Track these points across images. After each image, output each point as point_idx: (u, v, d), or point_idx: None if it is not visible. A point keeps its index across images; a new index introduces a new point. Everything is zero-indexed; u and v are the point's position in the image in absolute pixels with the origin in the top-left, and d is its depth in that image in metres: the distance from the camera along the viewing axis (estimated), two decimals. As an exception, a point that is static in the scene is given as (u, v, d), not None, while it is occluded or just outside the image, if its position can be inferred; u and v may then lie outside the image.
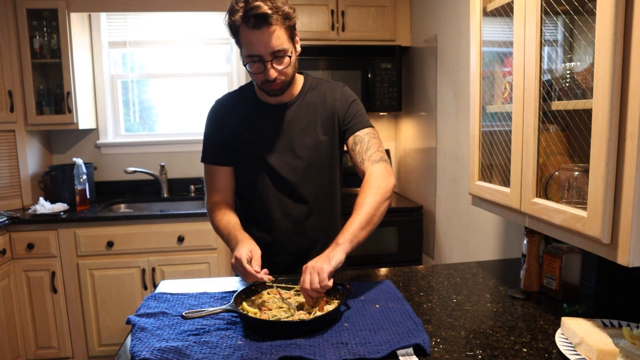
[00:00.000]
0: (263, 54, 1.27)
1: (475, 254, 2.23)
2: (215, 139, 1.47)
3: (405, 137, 3.25)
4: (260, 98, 1.46)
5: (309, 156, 1.44)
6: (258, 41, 1.25)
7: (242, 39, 1.29)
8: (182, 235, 2.66)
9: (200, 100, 3.33)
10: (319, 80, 1.51)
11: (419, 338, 1.01)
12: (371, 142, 1.44)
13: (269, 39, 1.25)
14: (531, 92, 1.14)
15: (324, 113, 1.45)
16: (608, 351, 0.91)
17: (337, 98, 1.46)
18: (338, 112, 1.46)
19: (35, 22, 2.77)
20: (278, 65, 1.30)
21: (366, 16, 2.93)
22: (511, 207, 1.26)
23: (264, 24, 1.23)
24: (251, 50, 1.27)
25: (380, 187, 1.32)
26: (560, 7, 1.09)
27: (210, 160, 1.48)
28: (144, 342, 1.02)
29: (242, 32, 1.27)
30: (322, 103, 1.46)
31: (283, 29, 1.27)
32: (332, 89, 1.48)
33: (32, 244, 2.55)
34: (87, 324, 2.66)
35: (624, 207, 0.87)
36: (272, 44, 1.26)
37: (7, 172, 2.78)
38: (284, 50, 1.29)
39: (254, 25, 1.23)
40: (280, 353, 0.96)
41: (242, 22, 1.25)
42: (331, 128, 1.46)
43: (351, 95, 1.49)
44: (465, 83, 2.26)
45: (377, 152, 1.42)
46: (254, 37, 1.25)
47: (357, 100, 1.49)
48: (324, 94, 1.47)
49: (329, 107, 1.45)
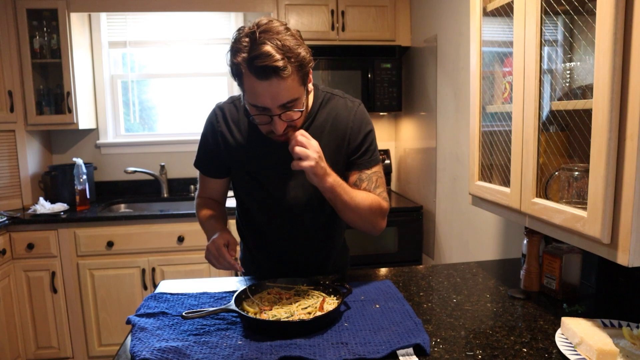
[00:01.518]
0: (270, 107, 1.09)
1: (475, 254, 2.23)
2: (210, 151, 1.36)
3: (405, 137, 3.25)
4: None
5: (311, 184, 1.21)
6: (265, 93, 1.06)
7: (246, 85, 1.09)
8: (182, 235, 2.66)
9: (200, 100, 3.33)
10: (332, 95, 1.33)
11: (419, 338, 1.01)
12: (378, 182, 1.32)
13: (278, 91, 1.06)
14: (531, 92, 1.14)
15: (332, 137, 1.29)
16: (608, 351, 0.91)
17: (351, 125, 1.29)
18: (349, 140, 1.29)
19: (35, 22, 2.77)
20: (288, 119, 1.12)
21: (366, 16, 2.93)
22: (511, 207, 1.26)
23: (273, 75, 1.04)
24: (256, 101, 1.09)
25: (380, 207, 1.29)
26: (560, 7, 1.09)
27: (202, 170, 1.44)
28: (144, 342, 1.02)
29: (246, 77, 1.07)
30: (333, 125, 1.29)
31: (296, 76, 1.08)
32: (346, 110, 1.30)
33: (32, 244, 2.55)
34: (87, 324, 2.66)
35: (624, 207, 0.87)
36: (282, 97, 1.07)
37: (7, 172, 2.78)
38: (296, 100, 1.10)
39: (261, 77, 1.04)
40: (280, 353, 0.96)
41: (246, 70, 1.06)
42: (338, 153, 1.30)
43: (367, 124, 1.32)
44: (465, 83, 2.26)
45: (384, 192, 1.32)
46: (260, 88, 1.06)
47: (371, 131, 1.32)
48: (336, 115, 1.30)
49: (340, 131, 1.29)
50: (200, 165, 1.44)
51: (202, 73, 3.32)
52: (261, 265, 1.50)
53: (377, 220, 1.30)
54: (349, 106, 1.32)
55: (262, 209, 1.39)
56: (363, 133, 1.30)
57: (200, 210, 1.45)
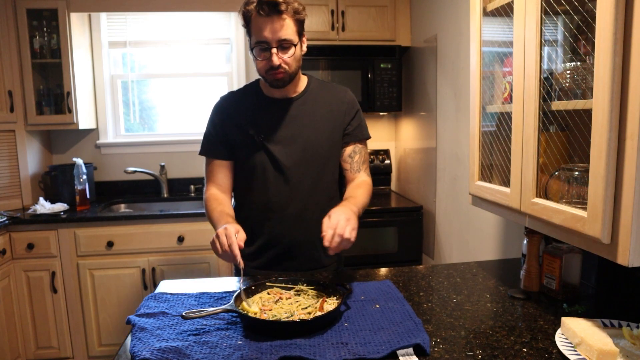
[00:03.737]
0: (270, 41, 1.35)
1: (475, 254, 2.23)
2: (217, 132, 1.51)
3: (405, 137, 3.25)
4: (265, 93, 1.51)
5: (312, 149, 1.48)
6: (267, 28, 1.34)
7: (253, 27, 1.37)
8: (182, 235, 2.66)
9: (200, 100, 3.33)
10: (323, 81, 1.59)
11: (419, 338, 1.01)
12: (366, 156, 1.59)
13: (277, 27, 1.34)
14: (531, 92, 1.14)
15: (329, 111, 1.51)
16: (608, 351, 0.91)
17: (346, 101, 1.54)
18: (345, 115, 1.53)
19: (35, 22, 2.77)
20: (283, 54, 1.37)
21: (366, 16, 2.93)
22: (511, 207, 1.26)
23: (274, 12, 1.33)
24: (260, 36, 1.35)
25: (369, 194, 1.49)
26: (560, 7, 1.09)
27: (210, 153, 1.53)
28: (144, 342, 1.02)
29: (253, 19, 1.36)
30: (329, 102, 1.52)
31: (292, 22, 1.37)
32: (339, 90, 1.56)
33: (32, 244, 2.55)
34: (87, 324, 2.66)
35: (624, 207, 0.87)
36: (280, 33, 1.34)
37: (7, 172, 2.78)
38: (290, 40, 1.36)
39: (266, 13, 1.32)
40: (280, 353, 0.96)
41: (255, 10, 1.34)
42: (335, 126, 1.51)
43: (357, 103, 1.58)
44: (465, 83, 2.26)
45: (368, 168, 1.59)
46: (264, 24, 1.34)
47: (360, 109, 1.58)
48: (330, 94, 1.54)
49: (335, 107, 1.52)
50: (209, 149, 1.53)
51: (202, 73, 3.32)
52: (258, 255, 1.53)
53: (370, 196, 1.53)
54: (340, 89, 1.58)
55: (263, 174, 1.48)
56: (355, 109, 1.56)
57: (209, 204, 1.47)
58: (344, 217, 1.22)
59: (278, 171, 1.47)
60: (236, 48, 3.23)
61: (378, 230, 2.75)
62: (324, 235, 1.20)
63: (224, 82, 3.33)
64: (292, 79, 1.44)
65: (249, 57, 3.25)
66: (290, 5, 1.35)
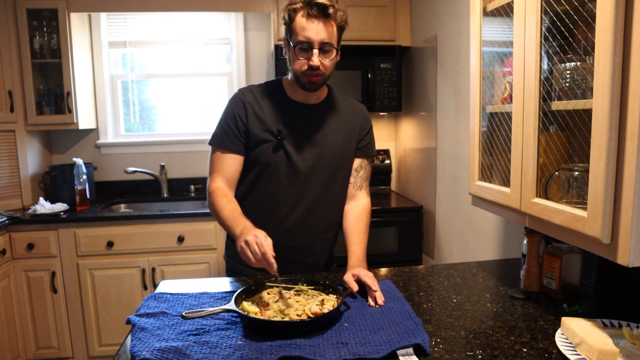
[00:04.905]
0: (313, 41, 1.34)
1: (475, 254, 2.23)
2: (234, 125, 1.47)
3: (405, 137, 3.25)
4: (288, 94, 1.50)
5: (327, 157, 1.49)
6: (312, 29, 1.34)
7: (296, 25, 1.36)
8: (182, 235, 2.66)
9: (200, 100, 3.33)
10: (341, 94, 1.62)
11: (419, 338, 1.01)
12: (369, 173, 1.62)
13: (322, 29, 1.34)
14: (531, 92, 1.14)
15: (347, 123, 1.54)
16: (608, 351, 0.91)
17: (362, 116, 1.58)
18: (360, 129, 1.57)
19: (35, 22, 2.77)
20: (323, 57, 1.37)
21: (366, 16, 2.93)
22: (511, 207, 1.26)
23: (322, 15, 1.34)
24: (303, 36, 1.35)
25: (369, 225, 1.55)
26: (560, 7, 1.09)
27: (224, 145, 1.47)
28: (144, 342, 1.02)
29: (297, 18, 1.36)
30: (347, 114, 1.55)
31: (336, 28, 1.38)
32: (356, 105, 1.61)
33: (32, 244, 2.55)
34: (87, 324, 2.66)
35: (624, 207, 0.87)
36: (324, 35, 1.35)
37: (7, 172, 2.78)
38: (332, 45, 1.37)
39: (314, 15, 1.33)
40: (280, 353, 0.96)
41: (301, 10, 1.35)
42: (351, 138, 1.55)
43: (371, 120, 1.63)
44: (465, 83, 2.26)
45: (369, 186, 1.63)
46: (310, 25, 1.34)
47: (372, 127, 1.63)
48: (349, 106, 1.58)
49: (353, 120, 1.55)
50: (223, 141, 1.48)
51: (202, 73, 3.31)
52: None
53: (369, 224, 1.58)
54: (357, 103, 1.63)
55: (276, 173, 1.47)
56: (369, 126, 1.61)
57: (217, 199, 1.42)
58: (369, 273, 1.32)
59: (291, 173, 1.47)
60: (236, 48, 3.22)
61: (378, 230, 2.74)
62: (374, 295, 1.25)
63: (224, 82, 3.33)
64: (323, 85, 1.45)
65: (249, 57, 3.26)
66: (338, 12, 1.37)
